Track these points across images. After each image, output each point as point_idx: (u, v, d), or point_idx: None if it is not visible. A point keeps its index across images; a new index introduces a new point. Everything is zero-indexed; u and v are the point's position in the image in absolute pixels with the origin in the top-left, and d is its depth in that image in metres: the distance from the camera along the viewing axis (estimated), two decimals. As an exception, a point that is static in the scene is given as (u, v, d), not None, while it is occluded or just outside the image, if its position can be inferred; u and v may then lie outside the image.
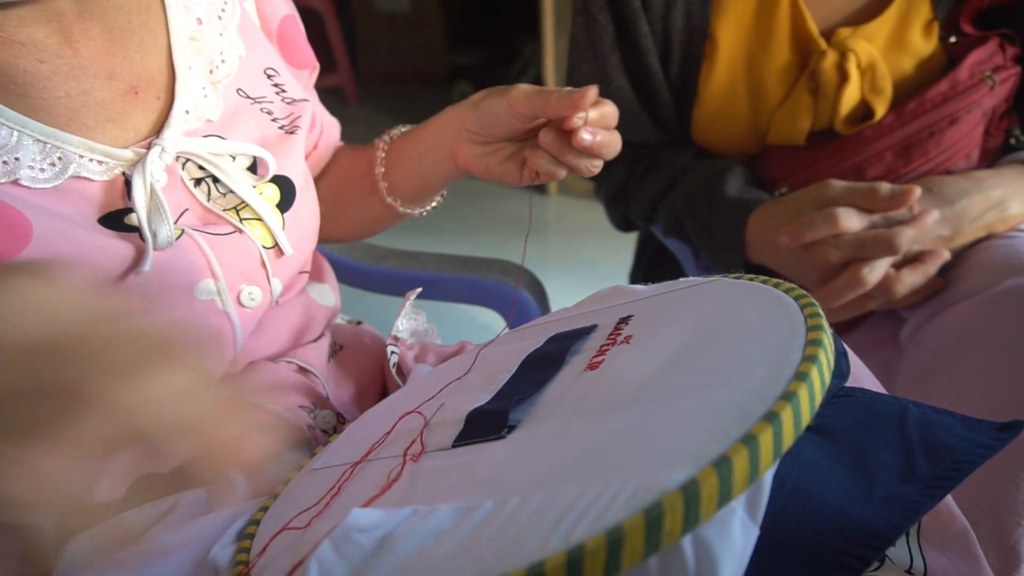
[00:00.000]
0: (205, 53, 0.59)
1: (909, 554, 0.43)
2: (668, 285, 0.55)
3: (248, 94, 0.62)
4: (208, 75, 0.59)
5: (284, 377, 0.64)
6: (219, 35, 0.60)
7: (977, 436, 0.41)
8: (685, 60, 0.93)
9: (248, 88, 0.62)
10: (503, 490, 0.35)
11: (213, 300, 0.56)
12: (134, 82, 0.56)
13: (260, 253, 0.59)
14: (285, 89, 0.65)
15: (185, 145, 0.56)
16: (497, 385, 0.50)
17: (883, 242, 0.77)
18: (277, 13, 0.68)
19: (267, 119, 0.63)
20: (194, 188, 0.57)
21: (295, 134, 0.64)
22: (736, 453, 0.29)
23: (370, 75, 4.52)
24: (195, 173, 0.57)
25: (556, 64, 2.71)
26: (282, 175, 0.62)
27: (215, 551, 0.48)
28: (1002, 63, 0.85)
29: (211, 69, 0.59)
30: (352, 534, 0.36)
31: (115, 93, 0.55)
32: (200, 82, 0.58)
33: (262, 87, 0.63)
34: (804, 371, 0.34)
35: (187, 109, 0.57)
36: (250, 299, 0.59)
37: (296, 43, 0.70)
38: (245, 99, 0.62)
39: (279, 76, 0.65)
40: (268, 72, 0.65)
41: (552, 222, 2.74)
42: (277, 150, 0.62)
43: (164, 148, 0.54)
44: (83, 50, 0.53)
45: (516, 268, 1.00)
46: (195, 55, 0.58)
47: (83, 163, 0.52)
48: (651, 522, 0.28)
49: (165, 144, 0.54)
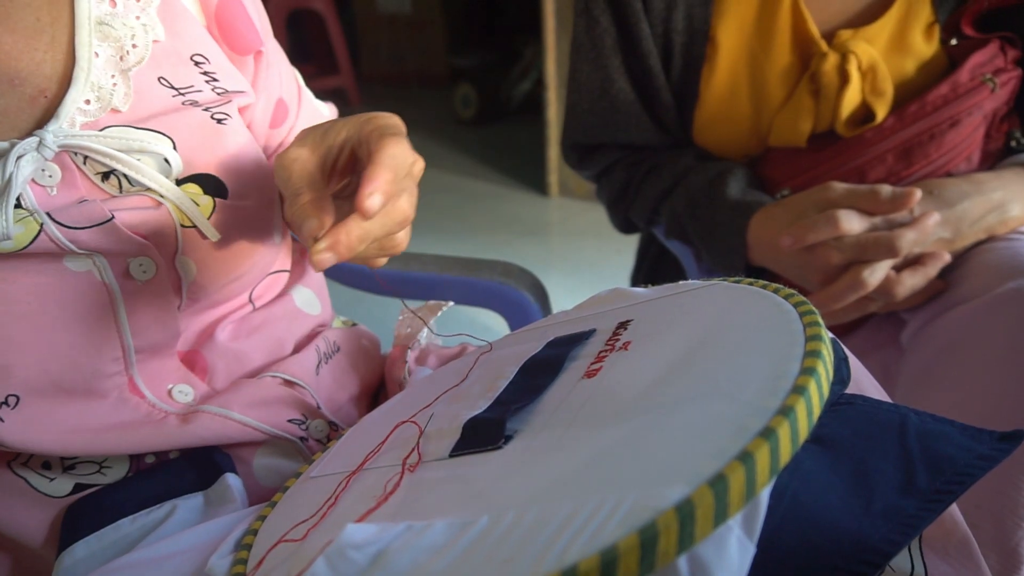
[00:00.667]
0: (114, 38, 0.54)
1: (910, 561, 0.43)
2: (668, 288, 0.55)
3: (172, 83, 0.57)
4: (118, 62, 0.54)
5: (269, 392, 0.62)
6: (135, 18, 0.55)
7: (977, 447, 0.40)
8: (686, 62, 0.93)
9: (172, 76, 0.57)
10: (498, 505, 0.35)
11: (90, 271, 0.53)
12: (43, 84, 0.52)
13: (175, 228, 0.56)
14: (217, 78, 0.60)
15: (73, 140, 0.51)
16: (495, 392, 0.50)
17: (884, 244, 0.77)
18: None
19: (191, 110, 0.57)
20: (102, 183, 0.53)
21: (224, 124, 0.59)
22: (732, 471, 0.29)
23: (371, 77, 4.52)
24: (99, 167, 0.53)
25: (557, 66, 2.71)
26: (204, 173, 0.57)
27: (213, 561, 0.48)
28: (1003, 65, 0.85)
29: (120, 55, 0.54)
30: (347, 551, 0.36)
31: (20, 100, 0.51)
32: (108, 70, 0.54)
33: (189, 75, 0.58)
34: (802, 384, 0.33)
35: (87, 99, 0.52)
36: (141, 272, 0.55)
37: (234, 26, 0.63)
38: (168, 88, 0.57)
39: (209, 64, 0.60)
40: (196, 59, 0.59)
41: (553, 224, 2.74)
42: (199, 143, 0.57)
43: (43, 141, 0.49)
44: None
45: (518, 270, 1.00)
46: (102, 41, 0.54)
47: None
48: (645, 542, 0.28)
49: (44, 137, 0.50)
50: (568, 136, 1.04)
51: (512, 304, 0.97)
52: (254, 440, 0.61)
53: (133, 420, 0.57)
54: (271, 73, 0.68)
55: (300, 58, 0.74)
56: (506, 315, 0.99)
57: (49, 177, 0.51)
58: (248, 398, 0.61)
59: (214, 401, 0.60)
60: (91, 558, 0.54)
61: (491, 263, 1.00)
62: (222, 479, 0.58)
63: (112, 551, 0.54)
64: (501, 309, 0.99)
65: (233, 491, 0.58)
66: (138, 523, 0.56)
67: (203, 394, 0.61)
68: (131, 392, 0.58)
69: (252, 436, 0.61)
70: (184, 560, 0.50)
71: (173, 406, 0.59)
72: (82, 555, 0.54)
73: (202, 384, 0.62)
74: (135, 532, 0.55)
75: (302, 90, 0.75)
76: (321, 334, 0.72)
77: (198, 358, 0.63)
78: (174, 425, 0.58)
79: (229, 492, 0.58)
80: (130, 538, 0.55)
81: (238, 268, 0.61)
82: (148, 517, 0.56)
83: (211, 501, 0.58)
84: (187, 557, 0.50)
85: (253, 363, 0.66)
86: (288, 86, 0.72)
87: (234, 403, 0.60)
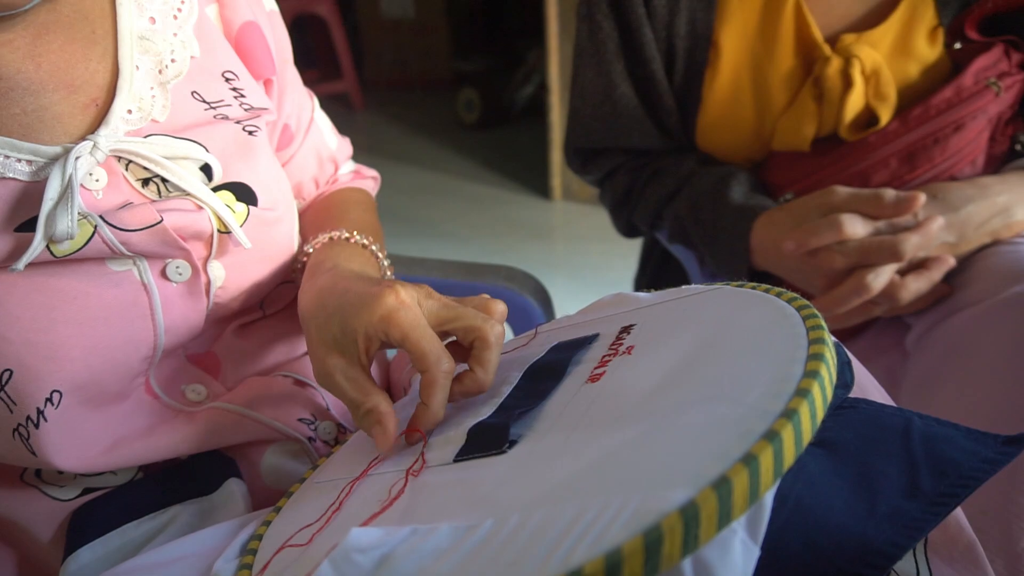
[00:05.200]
0: (154, 52, 0.57)
1: (916, 566, 0.43)
2: (671, 293, 0.55)
3: (204, 97, 0.59)
4: (156, 75, 0.57)
5: (281, 390, 0.63)
6: (172, 35, 0.58)
7: (982, 450, 0.40)
8: (689, 67, 0.93)
9: (204, 91, 0.60)
10: (503, 508, 0.35)
11: (130, 270, 0.54)
12: (95, 93, 0.54)
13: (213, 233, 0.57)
14: (244, 95, 0.62)
15: (122, 144, 0.53)
16: (499, 398, 0.50)
17: (888, 248, 0.77)
18: (237, 19, 0.64)
19: (223, 123, 0.60)
20: (142, 188, 0.55)
21: (255, 135, 0.62)
22: (736, 474, 0.29)
23: (375, 82, 4.53)
24: (140, 173, 0.55)
25: (560, 71, 2.71)
26: (238, 182, 0.60)
27: (218, 566, 0.48)
28: (1007, 69, 0.84)
29: (160, 69, 0.57)
30: (352, 554, 0.36)
31: (74, 107, 0.53)
32: (147, 82, 0.56)
33: (219, 90, 0.61)
34: (806, 387, 0.33)
35: (129, 108, 0.55)
36: (177, 273, 0.56)
37: (253, 52, 0.65)
38: (200, 102, 0.59)
39: (238, 80, 0.62)
40: (226, 75, 0.62)
41: (557, 228, 2.74)
42: (233, 154, 0.59)
43: (96, 144, 0.51)
44: (45, 64, 0.52)
45: (521, 274, 0.99)
46: (143, 55, 0.56)
47: (9, 163, 0.50)
48: (650, 545, 0.28)
49: (98, 140, 0.52)
50: (571, 141, 1.04)
51: (516, 308, 0.97)
52: (263, 439, 0.62)
53: (149, 422, 0.58)
54: (284, 100, 0.70)
55: (304, 63, 0.75)
56: (509, 319, 0.99)
57: (96, 181, 0.53)
58: (259, 396, 0.62)
59: (226, 398, 0.61)
60: (96, 563, 0.54)
61: (494, 267, 1.00)
62: (226, 484, 0.59)
63: (117, 556, 0.55)
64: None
65: (237, 496, 0.58)
66: (143, 528, 0.56)
67: (215, 392, 0.62)
68: (146, 392, 0.59)
69: (262, 434, 0.61)
70: (189, 564, 0.50)
71: (186, 405, 0.60)
72: (87, 560, 0.54)
73: (215, 383, 0.63)
74: (140, 537, 0.56)
75: (313, 121, 0.76)
76: None
77: (211, 357, 0.64)
78: (186, 423, 0.59)
79: (233, 497, 0.58)
80: (135, 543, 0.55)
81: (260, 275, 0.63)
82: (153, 522, 0.56)
83: (215, 506, 0.58)
84: (192, 562, 0.50)
85: (265, 363, 0.67)
86: (298, 113, 0.73)
87: (245, 401, 0.61)
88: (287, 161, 0.73)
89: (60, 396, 0.52)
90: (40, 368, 0.51)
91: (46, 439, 0.52)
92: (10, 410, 0.51)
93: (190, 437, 0.59)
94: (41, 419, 0.52)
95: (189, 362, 0.63)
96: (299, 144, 0.74)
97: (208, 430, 0.59)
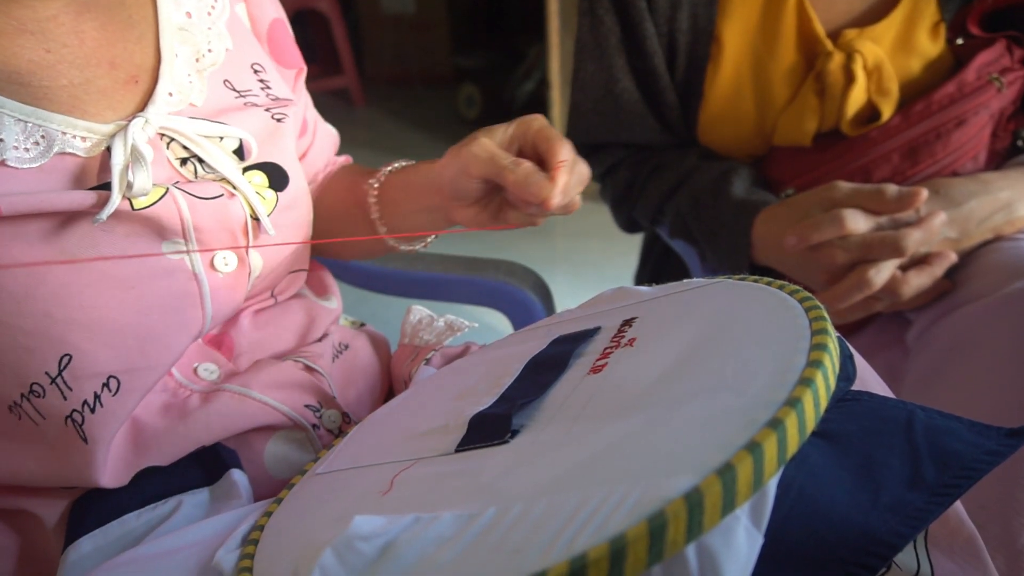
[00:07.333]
0: (192, 43, 0.61)
1: (916, 559, 0.43)
2: (672, 286, 0.55)
3: (234, 86, 0.63)
4: (194, 63, 0.61)
5: (291, 375, 0.64)
6: (207, 28, 0.62)
7: (985, 442, 0.40)
8: (691, 62, 0.93)
9: (235, 80, 0.64)
10: (506, 497, 0.35)
11: (182, 259, 0.57)
12: (134, 72, 0.57)
13: (247, 221, 0.60)
14: (271, 86, 0.67)
15: (168, 122, 0.56)
16: (501, 389, 0.50)
17: (890, 244, 0.77)
18: (267, 16, 0.70)
19: (253, 110, 0.64)
20: (180, 167, 0.58)
21: (283, 123, 0.65)
22: (740, 461, 0.29)
23: (376, 77, 4.52)
24: (180, 153, 0.58)
25: (562, 66, 2.71)
26: (270, 162, 0.63)
27: (219, 556, 0.48)
28: (1009, 65, 0.84)
29: (197, 58, 0.61)
30: (355, 542, 0.36)
31: (116, 82, 0.56)
32: (185, 69, 0.60)
33: (248, 80, 0.65)
34: (809, 376, 0.33)
35: (170, 91, 0.58)
36: (224, 264, 0.59)
37: (284, 45, 0.72)
38: (231, 91, 0.63)
39: (265, 72, 0.67)
40: (255, 67, 0.66)
41: (557, 223, 2.73)
42: (264, 138, 0.63)
43: (148, 120, 0.55)
44: (88, 40, 0.54)
45: (521, 269, 1.00)
46: (182, 44, 0.60)
47: (67, 139, 0.52)
48: (654, 531, 0.28)
49: (149, 116, 0.55)
50: (572, 135, 1.04)
51: (516, 303, 0.97)
52: (268, 424, 0.62)
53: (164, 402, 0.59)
54: (301, 93, 0.75)
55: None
56: (510, 314, 0.99)
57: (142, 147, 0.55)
58: (268, 379, 0.63)
59: (236, 380, 0.62)
60: (97, 553, 0.54)
61: (495, 262, 1.00)
62: (227, 475, 0.59)
63: (118, 546, 0.55)
64: (505, 309, 0.99)
65: (238, 487, 0.58)
66: (144, 518, 0.56)
67: (227, 372, 0.64)
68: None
69: (268, 418, 0.62)
70: (190, 555, 0.50)
71: (198, 384, 0.61)
72: (88, 550, 0.54)
73: (227, 363, 0.64)
74: (141, 527, 0.56)
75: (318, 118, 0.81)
76: (334, 329, 0.74)
77: (225, 339, 0.65)
78: (196, 405, 0.59)
79: (235, 488, 0.58)
80: (136, 533, 0.55)
81: (281, 263, 0.66)
82: (154, 512, 0.56)
83: (216, 497, 0.58)
84: (193, 552, 0.50)
85: (276, 348, 0.68)
86: (309, 108, 0.78)
87: (255, 383, 0.62)
88: (305, 151, 0.77)
89: (118, 383, 0.54)
90: (99, 354, 0.53)
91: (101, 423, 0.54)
92: (64, 396, 0.52)
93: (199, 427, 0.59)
94: (98, 404, 0.53)
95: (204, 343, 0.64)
96: (312, 134, 0.77)
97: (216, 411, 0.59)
